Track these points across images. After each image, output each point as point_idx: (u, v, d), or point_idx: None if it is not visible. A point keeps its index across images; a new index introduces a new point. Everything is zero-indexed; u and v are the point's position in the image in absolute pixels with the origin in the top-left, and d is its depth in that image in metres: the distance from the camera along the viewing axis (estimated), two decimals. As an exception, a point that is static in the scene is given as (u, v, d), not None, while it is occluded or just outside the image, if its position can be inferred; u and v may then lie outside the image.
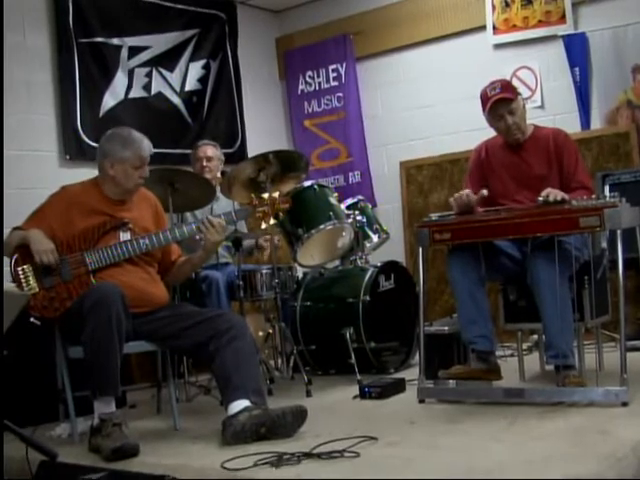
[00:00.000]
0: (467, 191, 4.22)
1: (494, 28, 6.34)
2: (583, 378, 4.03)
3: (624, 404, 3.70)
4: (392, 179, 6.86)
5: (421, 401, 4.17)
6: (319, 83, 7.21)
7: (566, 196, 3.99)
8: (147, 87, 6.30)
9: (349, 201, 5.54)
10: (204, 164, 5.40)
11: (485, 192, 4.23)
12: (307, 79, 7.27)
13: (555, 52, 6.07)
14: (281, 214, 4.22)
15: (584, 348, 4.44)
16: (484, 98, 4.40)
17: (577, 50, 5.96)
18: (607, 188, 5.27)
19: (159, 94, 6.38)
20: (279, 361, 5.26)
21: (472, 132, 5.83)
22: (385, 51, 6.92)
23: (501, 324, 4.50)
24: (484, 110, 4.40)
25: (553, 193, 4.00)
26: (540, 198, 3.99)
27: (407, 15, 6.71)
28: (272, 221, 4.15)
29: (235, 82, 6.96)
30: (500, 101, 4.32)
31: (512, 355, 4.92)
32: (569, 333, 4.11)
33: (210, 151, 5.47)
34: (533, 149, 4.42)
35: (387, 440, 3.46)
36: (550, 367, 4.41)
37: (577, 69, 5.96)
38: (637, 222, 4.12)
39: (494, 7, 6.31)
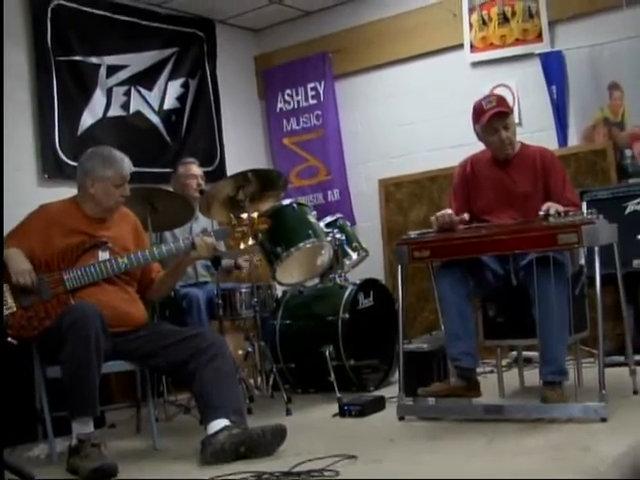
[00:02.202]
0: (450, 212, 4.23)
1: (472, 46, 6.39)
2: (564, 394, 4.04)
3: (603, 420, 3.71)
4: (371, 197, 6.87)
5: (401, 418, 4.17)
6: (298, 101, 7.22)
7: (566, 210, 4.01)
8: (125, 106, 6.30)
9: (328, 219, 5.54)
10: (198, 182, 5.38)
11: (466, 216, 4.26)
12: (286, 97, 7.29)
13: (532, 70, 6.11)
14: (260, 235, 4.23)
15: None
16: (479, 111, 4.38)
17: (554, 68, 6.01)
18: (584, 205, 5.30)
19: (137, 113, 6.38)
20: (259, 380, 5.25)
21: (451, 149, 5.90)
22: (364, 69, 6.95)
23: (480, 340, 4.50)
24: (478, 123, 4.38)
25: (554, 207, 4.02)
26: (541, 212, 4.00)
27: (386, 33, 6.74)
28: (251, 242, 4.15)
29: (214, 100, 6.97)
30: (497, 115, 4.33)
31: (491, 372, 4.93)
32: (565, 349, 4.15)
33: (197, 169, 5.49)
34: (519, 166, 4.43)
35: (367, 458, 3.45)
36: (530, 383, 4.43)
37: (554, 87, 6.00)
38: (614, 239, 4.15)
39: (472, 25, 6.36)
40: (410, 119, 6.69)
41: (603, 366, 3.82)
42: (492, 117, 4.32)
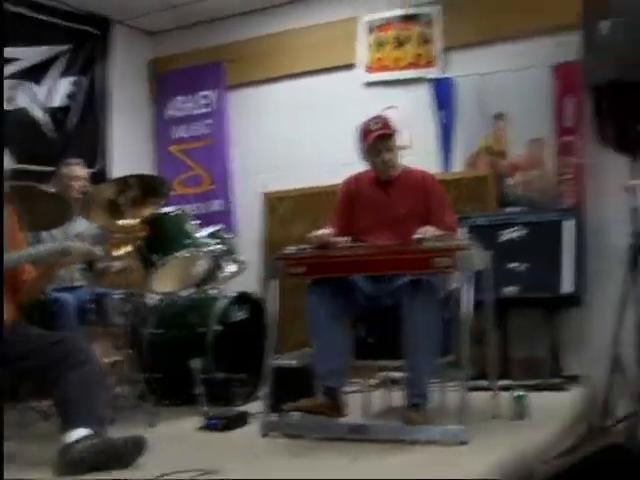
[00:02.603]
0: (328, 232, 4.26)
1: (366, 66, 6.45)
2: (427, 416, 4.10)
3: (463, 443, 3.78)
4: (254, 209, 6.84)
5: (265, 435, 4.16)
6: (189, 108, 7.17)
7: (442, 234, 4.09)
8: (11, 100, 6.14)
9: (209, 229, 5.50)
10: (82, 184, 5.28)
11: (344, 240, 4.28)
12: (178, 104, 7.23)
13: (423, 94, 6.21)
14: (138, 241, 4.18)
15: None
16: (365, 131, 4.45)
17: (444, 94, 6.13)
18: (463, 231, 5.40)
19: (23, 108, 6.22)
20: (125, 389, 5.15)
21: (336, 167, 5.91)
22: (258, 81, 6.94)
23: (350, 360, 4.52)
24: (363, 143, 4.45)
25: (431, 231, 4.09)
26: (417, 236, 4.05)
27: (282, 47, 6.76)
28: (128, 248, 4.10)
29: (104, 101, 6.85)
30: (381, 137, 4.39)
31: (360, 391, 4.96)
32: (431, 372, 4.22)
33: (82, 171, 5.38)
34: (401, 189, 4.51)
35: (228, 474, 3.43)
36: (396, 404, 4.48)
37: (443, 112, 6.12)
38: (487, 265, 4.24)
39: (368, 46, 6.42)
40: (300, 134, 6.70)
41: (465, 390, 3.92)
42: (377, 139, 4.39)
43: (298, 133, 6.71)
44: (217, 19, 7.07)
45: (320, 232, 4.27)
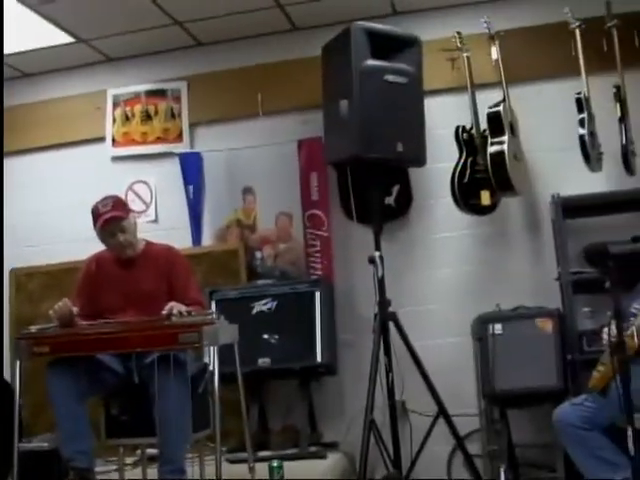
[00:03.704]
0: (65, 300, 4.16)
1: (113, 141, 6.38)
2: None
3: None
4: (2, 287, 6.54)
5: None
6: None
7: (189, 309, 4.06)
8: None
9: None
10: None
11: (75, 310, 4.18)
12: None
13: (171, 169, 6.20)
14: None
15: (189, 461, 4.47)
16: (95, 214, 4.45)
17: (192, 168, 6.14)
18: (214, 304, 5.42)
19: None
20: None
21: (87, 242, 5.73)
22: (6, 153, 6.69)
23: (103, 439, 4.41)
24: (95, 226, 4.42)
25: (177, 307, 4.06)
26: (164, 312, 4.02)
27: (27, 119, 6.53)
28: None
29: None
30: (112, 220, 4.36)
31: (116, 470, 4.82)
32: (185, 447, 4.16)
33: None
34: (144, 265, 4.49)
35: None
36: (153, 481, 4.38)
37: (191, 187, 6.12)
38: (235, 339, 4.27)
39: (114, 120, 6.37)
40: (47, 208, 6.49)
41: (220, 463, 3.91)
42: (106, 222, 4.36)
43: (46, 207, 6.50)
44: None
45: (58, 304, 4.16)
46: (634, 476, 3.13)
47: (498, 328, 5.11)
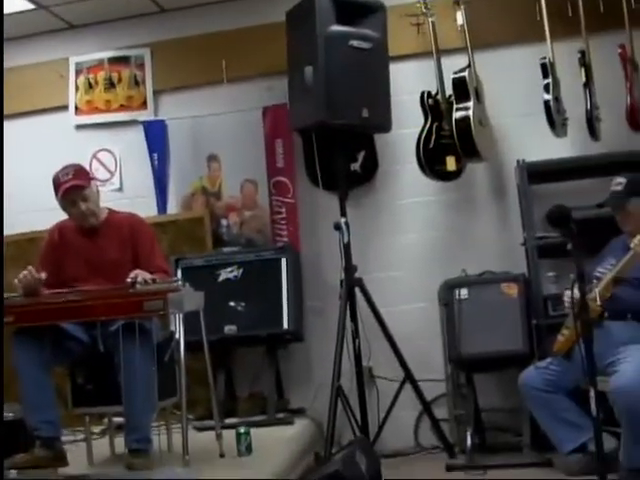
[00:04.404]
0: (30, 268, 4.13)
1: (76, 109, 6.31)
2: (151, 460, 4.03)
3: (188, 485, 3.75)
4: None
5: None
6: None
7: (154, 277, 4.05)
8: None
9: None
10: None
11: (43, 275, 4.14)
12: None
13: (136, 137, 6.15)
14: None
15: (156, 429, 4.47)
16: (56, 183, 4.40)
17: (156, 136, 6.10)
18: (179, 272, 5.41)
19: None
20: None
21: (52, 212, 5.69)
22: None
23: (69, 408, 4.39)
24: (56, 195, 4.37)
25: (142, 274, 4.04)
26: (129, 280, 3.99)
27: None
28: None
29: None
30: (73, 188, 4.31)
31: (83, 440, 4.81)
32: (152, 416, 4.15)
33: None
34: (107, 234, 4.46)
35: None
36: (120, 450, 4.37)
37: (156, 155, 6.08)
38: (201, 306, 4.25)
39: (77, 88, 6.29)
40: (10, 178, 6.35)
41: (186, 432, 3.92)
42: (67, 190, 4.32)
43: (9, 177, 6.39)
44: None
45: (23, 273, 4.12)
46: (595, 436, 3.17)
47: (464, 293, 5.14)
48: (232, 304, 5.45)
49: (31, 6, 5.87)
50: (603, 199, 4.70)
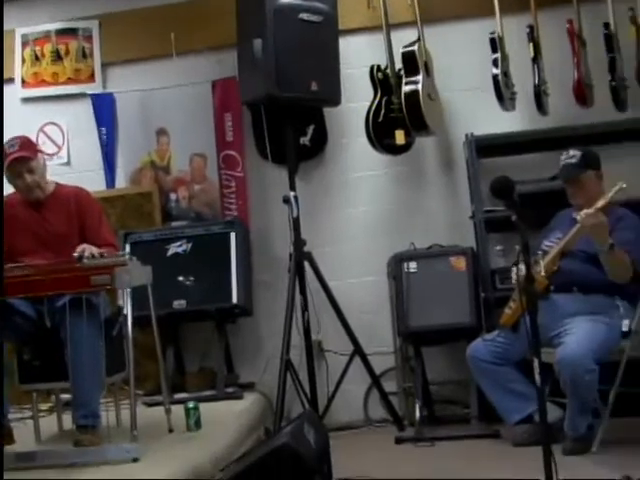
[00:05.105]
0: None
1: (23, 81, 6.20)
2: (99, 436, 4.01)
3: (135, 460, 3.72)
4: None
5: None
6: None
7: (102, 251, 4.01)
8: None
9: None
10: None
11: None
12: None
13: (83, 110, 6.05)
14: None
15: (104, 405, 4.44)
16: (3, 154, 4.30)
17: (104, 110, 6.01)
18: (128, 247, 5.36)
19: None
20: None
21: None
22: None
23: (16, 385, 4.34)
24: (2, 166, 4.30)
25: (89, 249, 4.00)
26: (75, 254, 3.94)
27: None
28: None
29: None
30: (19, 160, 4.25)
31: (30, 417, 4.76)
32: (100, 393, 4.11)
33: None
34: (54, 207, 4.40)
35: None
36: (68, 427, 4.35)
37: (104, 128, 5.99)
38: (149, 280, 4.23)
39: (24, 60, 6.18)
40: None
41: (135, 407, 3.89)
42: (13, 162, 4.26)
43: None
44: None
45: None
46: (539, 405, 3.21)
47: (413, 266, 5.17)
48: (181, 279, 5.42)
49: (-26, -24, 5.75)
50: (550, 173, 4.75)
